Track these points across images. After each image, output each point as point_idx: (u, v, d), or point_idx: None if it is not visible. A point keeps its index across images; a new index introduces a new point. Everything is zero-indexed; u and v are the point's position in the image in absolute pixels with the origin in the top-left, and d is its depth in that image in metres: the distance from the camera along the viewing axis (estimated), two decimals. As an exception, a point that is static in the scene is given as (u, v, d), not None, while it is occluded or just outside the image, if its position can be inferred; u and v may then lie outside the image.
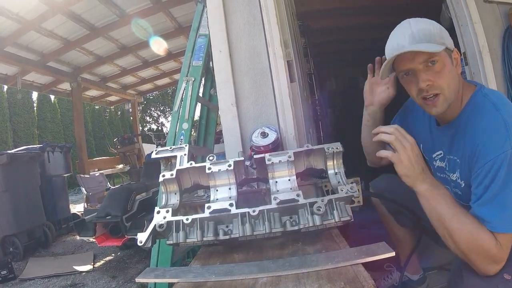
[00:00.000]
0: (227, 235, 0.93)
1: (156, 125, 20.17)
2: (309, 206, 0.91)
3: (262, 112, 1.61)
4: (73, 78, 6.67)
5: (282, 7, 1.74)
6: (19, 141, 8.87)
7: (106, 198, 3.33)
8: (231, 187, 1.03)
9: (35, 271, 3.10)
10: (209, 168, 1.03)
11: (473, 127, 0.98)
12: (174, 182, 1.06)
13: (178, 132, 1.73)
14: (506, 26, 1.95)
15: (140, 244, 0.93)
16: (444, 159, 1.14)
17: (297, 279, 0.76)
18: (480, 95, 1.02)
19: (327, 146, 1.04)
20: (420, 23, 0.99)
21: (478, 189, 0.92)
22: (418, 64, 0.98)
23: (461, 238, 0.89)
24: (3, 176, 3.45)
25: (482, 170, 0.90)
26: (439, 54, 0.96)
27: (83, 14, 4.78)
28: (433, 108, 1.02)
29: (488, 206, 0.88)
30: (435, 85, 0.98)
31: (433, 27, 0.98)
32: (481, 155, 0.91)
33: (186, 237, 0.94)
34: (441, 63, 0.97)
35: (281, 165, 1.02)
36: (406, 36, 0.98)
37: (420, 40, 0.96)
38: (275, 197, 0.93)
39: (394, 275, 1.68)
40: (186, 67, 1.84)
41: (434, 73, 0.98)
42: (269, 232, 0.91)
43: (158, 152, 1.15)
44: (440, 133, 1.14)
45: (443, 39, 0.97)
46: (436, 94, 0.99)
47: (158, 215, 0.97)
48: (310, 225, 0.90)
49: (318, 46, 4.14)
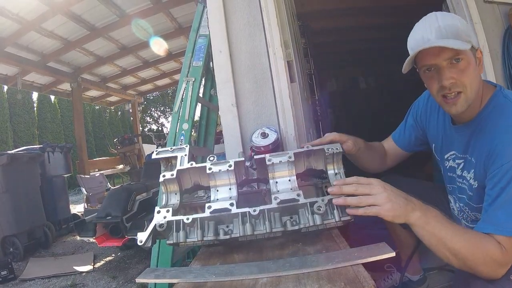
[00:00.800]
0: (228, 235, 0.93)
1: (156, 126, 20.20)
2: (309, 206, 0.91)
3: (262, 112, 1.61)
4: (73, 79, 6.68)
5: (282, 8, 1.74)
6: (19, 142, 8.87)
7: (106, 198, 3.33)
8: (231, 187, 1.04)
9: (35, 271, 3.10)
10: (210, 169, 1.03)
11: (493, 126, 0.96)
12: (175, 182, 1.06)
13: (178, 133, 1.74)
14: (506, 26, 1.95)
15: (140, 243, 0.92)
16: (456, 159, 1.13)
17: (297, 279, 0.76)
18: (500, 95, 1.00)
19: (327, 147, 1.04)
20: (447, 18, 0.96)
21: (493, 190, 0.89)
22: (442, 60, 0.95)
23: (467, 255, 0.85)
24: (4, 177, 3.45)
25: (499, 170, 0.88)
26: (465, 52, 0.93)
27: (83, 14, 4.79)
28: (453, 107, 0.99)
29: (504, 209, 0.86)
30: (458, 83, 0.96)
31: (460, 24, 0.95)
32: (499, 156, 0.89)
33: (186, 237, 0.94)
34: (466, 61, 0.95)
35: (282, 166, 1.02)
36: (432, 30, 0.95)
37: (447, 36, 0.93)
38: (275, 197, 0.93)
39: (394, 275, 1.68)
40: (186, 67, 1.84)
41: (458, 70, 0.95)
42: (270, 232, 0.91)
43: (159, 152, 1.15)
44: (455, 132, 1.12)
45: (470, 37, 0.95)
46: (458, 92, 0.97)
47: (158, 214, 0.97)
48: (310, 225, 0.89)
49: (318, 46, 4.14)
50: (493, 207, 0.88)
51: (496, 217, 0.86)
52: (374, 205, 0.85)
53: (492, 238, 0.85)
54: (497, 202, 0.88)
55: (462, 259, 0.86)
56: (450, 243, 0.85)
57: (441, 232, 0.86)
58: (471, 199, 1.05)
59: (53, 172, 4.42)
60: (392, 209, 0.85)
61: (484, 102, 1.01)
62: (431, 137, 1.28)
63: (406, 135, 1.38)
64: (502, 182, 0.87)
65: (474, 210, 1.06)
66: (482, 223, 0.90)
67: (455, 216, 1.21)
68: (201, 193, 1.23)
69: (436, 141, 1.23)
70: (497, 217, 0.86)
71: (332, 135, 1.14)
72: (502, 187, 0.87)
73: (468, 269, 0.88)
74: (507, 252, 0.84)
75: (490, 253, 0.84)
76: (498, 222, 0.86)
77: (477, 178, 1.01)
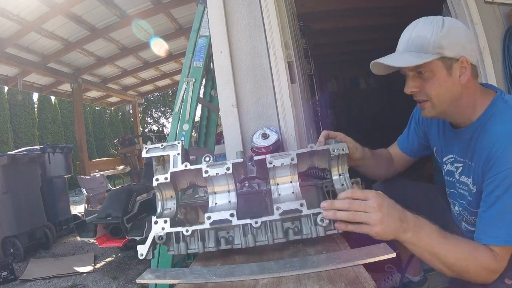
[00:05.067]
0: (229, 244, 0.93)
1: (157, 126, 20.20)
2: (312, 216, 0.91)
3: (263, 113, 1.61)
4: (74, 79, 6.69)
5: (283, 8, 1.74)
6: (19, 142, 8.88)
7: (106, 199, 3.33)
8: (230, 195, 1.00)
9: (36, 272, 3.10)
10: (206, 172, 0.97)
11: (492, 132, 0.95)
12: (169, 186, 1.02)
13: (179, 133, 1.74)
14: (507, 27, 1.95)
15: (141, 257, 0.92)
16: (454, 162, 1.13)
17: (298, 280, 0.76)
18: (501, 101, 0.99)
19: (333, 147, 0.98)
20: (423, 27, 0.96)
21: (489, 197, 0.90)
22: (407, 70, 0.99)
23: (462, 267, 0.87)
24: (4, 177, 3.46)
25: (496, 177, 0.88)
26: (426, 64, 0.94)
27: (83, 15, 4.80)
28: (422, 111, 1.03)
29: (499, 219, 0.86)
30: (421, 92, 0.99)
31: (432, 34, 0.93)
32: (497, 162, 0.89)
33: (187, 248, 0.94)
34: (430, 72, 0.95)
35: (283, 169, 0.98)
36: (403, 40, 0.99)
37: (410, 48, 0.96)
38: (277, 207, 0.91)
39: (394, 276, 1.68)
40: (186, 68, 1.85)
41: (422, 80, 0.98)
42: (272, 243, 0.91)
43: (149, 150, 1.07)
44: (454, 135, 1.11)
45: (441, 48, 0.93)
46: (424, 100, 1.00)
47: (156, 225, 0.94)
48: (313, 236, 0.90)
49: (319, 47, 4.15)
50: (489, 215, 0.89)
51: (492, 228, 0.87)
52: (365, 224, 0.84)
53: (486, 247, 0.87)
54: (492, 211, 0.88)
55: (457, 271, 0.88)
56: (444, 258, 0.87)
57: (434, 249, 0.87)
58: (470, 204, 1.05)
59: (53, 173, 4.42)
60: (382, 232, 0.83)
61: (484, 107, 1.00)
62: (432, 141, 1.28)
63: (410, 141, 1.38)
64: (498, 190, 0.87)
65: (473, 215, 1.06)
66: (479, 234, 0.91)
67: (455, 218, 1.21)
68: (201, 193, 1.23)
69: (437, 144, 1.23)
70: (493, 228, 0.87)
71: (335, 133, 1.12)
72: (498, 196, 0.87)
73: (463, 278, 0.90)
74: (500, 259, 0.85)
75: (484, 264, 0.86)
76: (494, 233, 0.86)
77: (475, 183, 1.01)
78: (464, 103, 1.00)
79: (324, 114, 3.65)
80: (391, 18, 3.86)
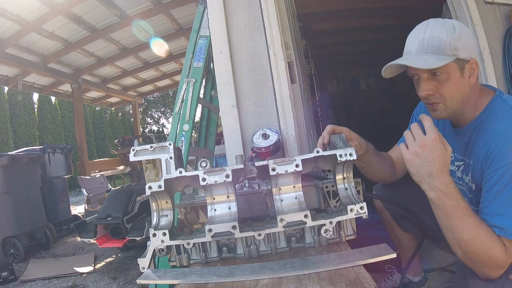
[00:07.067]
0: (232, 253, 0.94)
1: (157, 127, 20.20)
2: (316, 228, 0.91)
3: (263, 113, 1.61)
4: (74, 80, 6.68)
5: (283, 9, 1.75)
6: (19, 143, 8.89)
7: (107, 199, 3.34)
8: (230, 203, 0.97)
9: (36, 272, 3.10)
10: (204, 179, 0.91)
11: (490, 130, 0.96)
12: (164, 193, 0.95)
13: (179, 134, 1.74)
14: (507, 27, 1.95)
15: (143, 270, 0.93)
16: (455, 161, 1.13)
17: (298, 280, 0.76)
18: (499, 100, 1.00)
19: (340, 152, 0.91)
20: (435, 29, 0.95)
21: (489, 193, 0.90)
22: (421, 72, 0.97)
23: (472, 249, 0.87)
24: (4, 178, 3.46)
25: (495, 174, 0.89)
26: (443, 66, 0.93)
27: (83, 15, 4.79)
28: (433, 113, 1.03)
29: (502, 212, 0.87)
30: (436, 94, 0.98)
31: (447, 36, 0.93)
32: (496, 159, 0.90)
33: (189, 258, 0.95)
34: (446, 74, 0.95)
35: (287, 176, 0.95)
36: (416, 42, 0.97)
37: (427, 50, 0.95)
38: (281, 219, 0.88)
39: (395, 276, 1.67)
40: (187, 68, 1.84)
41: (437, 83, 0.97)
42: (275, 253, 0.92)
43: (137, 152, 0.97)
44: (455, 134, 1.12)
45: (456, 50, 0.93)
46: (436, 102, 0.99)
47: (154, 238, 0.91)
48: (316, 247, 0.91)
49: (319, 47, 4.14)
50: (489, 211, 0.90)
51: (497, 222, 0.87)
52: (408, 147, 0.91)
53: (500, 239, 0.86)
54: (493, 207, 0.89)
55: (467, 251, 0.88)
56: (460, 233, 0.87)
57: (452, 221, 0.88)
58: (472, 201, 1.05)
59: (53, 173, 4.42)
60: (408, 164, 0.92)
61: (483, 106, 1.02)
62: None
63: None
64: (498, 185, 0.88)
65: None
66: None
67: None
68: (202, 193, 1.22)
69: None
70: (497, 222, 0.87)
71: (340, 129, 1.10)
72: (498, 191, 0.88)
73: (469, 262, 0.90)
74: (509, 254, 0.85)
75: (494, 256, 0.85)
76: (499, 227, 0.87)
77: (475, 180, 1.02)
78: (469, 103, 1.01)
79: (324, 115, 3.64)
80: (391, 19, 3.86)
